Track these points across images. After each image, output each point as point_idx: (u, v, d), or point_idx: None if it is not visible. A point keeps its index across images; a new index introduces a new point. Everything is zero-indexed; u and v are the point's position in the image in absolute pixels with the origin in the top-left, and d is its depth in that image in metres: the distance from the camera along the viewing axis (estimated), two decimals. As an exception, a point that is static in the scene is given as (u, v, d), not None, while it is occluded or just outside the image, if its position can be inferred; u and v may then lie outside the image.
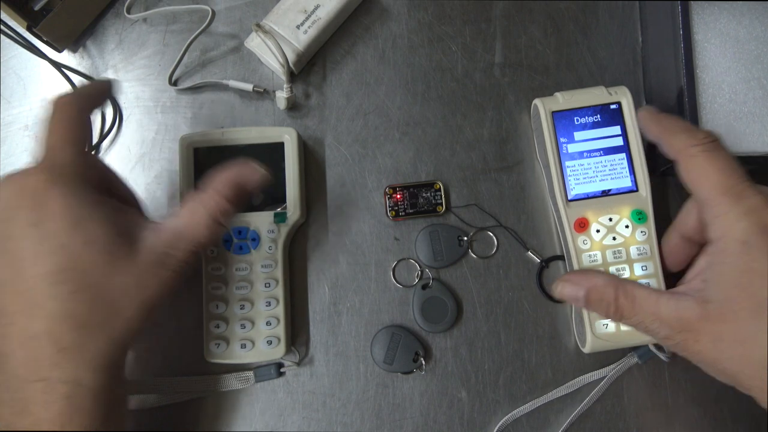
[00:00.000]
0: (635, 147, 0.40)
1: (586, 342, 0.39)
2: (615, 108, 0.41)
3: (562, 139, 0.41)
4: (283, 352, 0.40)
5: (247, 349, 0.40)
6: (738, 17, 0.41)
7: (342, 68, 0.46)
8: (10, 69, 0.46)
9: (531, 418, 0.41)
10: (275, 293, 0.40)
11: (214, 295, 0.40)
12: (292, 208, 0.41)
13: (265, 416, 0.41)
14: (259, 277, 0.40)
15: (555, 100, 0.41)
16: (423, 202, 0.43)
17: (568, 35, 0.46)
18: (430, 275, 0.43)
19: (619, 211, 0.40)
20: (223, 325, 0.40)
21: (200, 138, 0.41)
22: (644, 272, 0.39)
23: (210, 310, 0.40)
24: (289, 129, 0.41)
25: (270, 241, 0.40)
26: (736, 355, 0.30)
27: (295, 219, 0.41)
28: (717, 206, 0.31)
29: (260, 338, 0.40)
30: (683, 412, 0.41)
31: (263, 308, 0.40)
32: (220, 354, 0.40)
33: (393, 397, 0.41)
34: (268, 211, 0.40)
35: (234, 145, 0.41)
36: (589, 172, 0.40)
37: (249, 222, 0.40)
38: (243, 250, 0.40)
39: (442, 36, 0.46)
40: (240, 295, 0.40)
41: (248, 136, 0.41)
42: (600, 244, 0.40)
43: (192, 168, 0.41)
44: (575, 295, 0.34)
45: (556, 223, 0.43)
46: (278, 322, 0.40)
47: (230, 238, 0.40)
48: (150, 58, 0.46)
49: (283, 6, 0.44)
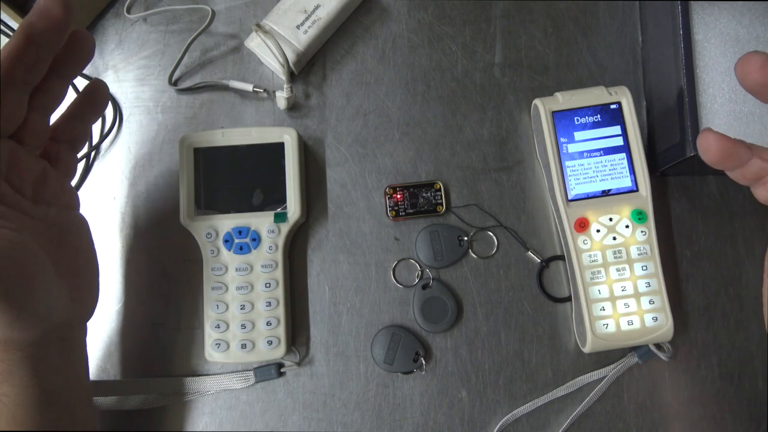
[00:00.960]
0: (635, 147, 0.40)
1: (586, 342, 0.39)
2: (615, 108, 0.41)
3: (562, 139, 0.41)
4: (284, 353, 0.40)
5: (247, 350, 0.40)
6: (738, 17, 0.41)
7: (342, 68, 0.46)
8: (10, 69, 0.46)
9: (531, 418, 0.41)
10: (275, 294, 0.40)
11: (214, 296, 0.40)
12: (293, 208, 0.41)
13: (265, 416, 0.41)
14: (260, 278, 0.40)
15: (555, 100, 0.41)
16: (423, 202, 0.43)
17: (568, 35, 0.46)
18: (430, 275, 0.43)
19: (619, 211, 0.40)
20: (224, 325, 0.40)
21: (200, 138, 0.41)
22: (644, 272, 0.39)
23: (210, 311, 0.40)
24: (289, 129, 0.41)
25: (270, 241, 0.40)
26: None
27: (295, 218, 0.41)
28: None
29: (260, 339, 0.40)
30: (683, 412, 0.41)
31: (264, 309, 0.40)
32: (221, 355, 0.40)
33: (393, 397, 0.41)
34: (268, 212, 0.41)
35: (234, 145, 0.41)
36: (589, 172, 0.40)
37: (249, 222, 0.40)
38: (243, 250, 0.40)
39: (442, 36, 0.46)
40: (240, 295, 0.40)
41: (248, 136, 0.41)
42: (600, 243, 0.40)
43: (192, 168, 0.41)
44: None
45: (557, 223, 0.43)
46: (278, 322, 0.40)
47: (230, 239, 0.40)
48: (150, 58, 0.46)
49: (283, 6, 0.44)
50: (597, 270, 0.39)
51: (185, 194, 0.41)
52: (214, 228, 0.40)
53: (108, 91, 0.37)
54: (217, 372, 0.41)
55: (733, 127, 0.40)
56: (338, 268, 0.43)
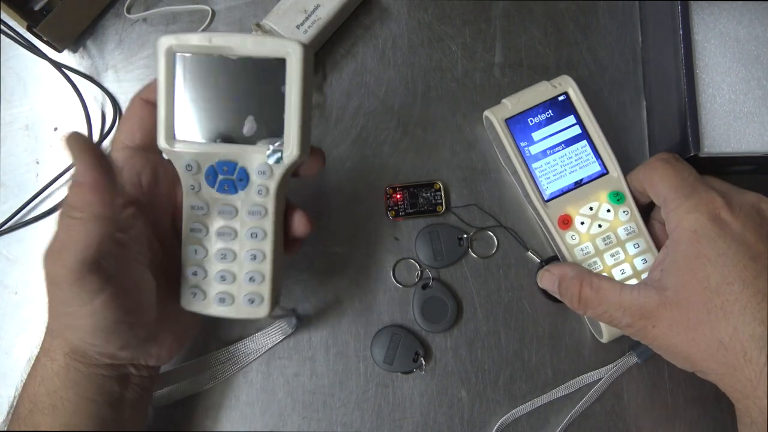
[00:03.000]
0: (594, 131, 0.40)
1: (602, 332, 0.39)
2: (563, 99, 0.41)
3: (522, 143, 0.41)
4: (267, 312, 0.35)
5: (225, 304, 0.35)
6: (738, 17, 0.41)
7: (342, 68, 0.46)
8: (10, 69, 0.46)
9: (531, 418, 0.41)
10: (262, 246, 0.34)
11: (193, 238, 0.34)
12: (290, 146, 0.32)
13: (265, 416, 0.41)
14: (246, 224, 0.34)
15: (504, 107, 0.41)
16: (423, 202, 0.43)
17: (568, 35, 0.46)
18: (430, 275, 0.43)
19: (597, 198, 0.40)
20: (202, 272, 0.35)
21: (182, 42, 0.32)
22: (637, 250, 0.39)
23: (188, 254, 0.35)
24: (293, 42, 0.31)
25: (261, 183, 0.33)
26: (689, 338, 0.32)
27: (292, 159, 0.32)
28: (672, 201, 0.34)
29: (241, 294, 0.35)
30: (683, 412, 0.41)
31: (247, 261, 0.34)
32: (197, 304, 0.35)
33: (393, 397, 0.41)
34: (259, 146, 0.32)
35: (224, 55, 0.32)
36: (557, 168, 0.40)
37: (237, 156, 0.33)
38: (228, 189, 0.33)
39: (442, 36, 0.46)
40: (222, 242, 0.34)
41: (242, 45, 0.31)
42: (588, 235, 0.40)
43: (171, 78, 0.32)
44: (552, 285, 0.39)
45: (541, 227, 0.43)
46: (263, 279, 0.35)
47: (214, 174, 0.33)
48: (150, 58, 0.46)
49: (283, 6, 0.44)
50: (592, 261, 0.39)
51: (162, 111, 0.32)
52: (195, 159, 0.33)
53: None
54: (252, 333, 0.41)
55: (733, 127, 0.40)
56: (338, 268, 0.43)
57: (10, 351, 0.43)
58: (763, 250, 0.32)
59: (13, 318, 0.43)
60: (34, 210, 0.45)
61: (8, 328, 0.43)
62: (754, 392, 0.30)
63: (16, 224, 0.44)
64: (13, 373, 0.42)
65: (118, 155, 0.33)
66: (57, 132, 0.45)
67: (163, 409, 0.41)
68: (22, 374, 0.34)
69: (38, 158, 0.45)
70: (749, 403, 0.31)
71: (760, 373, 0.30)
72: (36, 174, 0.45)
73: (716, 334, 0.31)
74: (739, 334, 0.30)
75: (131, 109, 0.34)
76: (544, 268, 0.40)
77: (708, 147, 0.39)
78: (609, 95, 0.45)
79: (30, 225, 0.44)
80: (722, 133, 0.39)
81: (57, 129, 0.45)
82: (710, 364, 0.31)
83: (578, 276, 0.37)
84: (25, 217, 0.44)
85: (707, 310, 0.31)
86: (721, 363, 0.31)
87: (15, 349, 0.43)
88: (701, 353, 0.32)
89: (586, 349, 0.42)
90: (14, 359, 0.42)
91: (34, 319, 0.43)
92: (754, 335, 0.30)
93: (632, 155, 0.45)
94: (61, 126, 0.46)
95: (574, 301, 0.37)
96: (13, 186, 0.45)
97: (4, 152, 0.45)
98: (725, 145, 0.39)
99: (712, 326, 0.31)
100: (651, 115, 0.45)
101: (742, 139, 0.39)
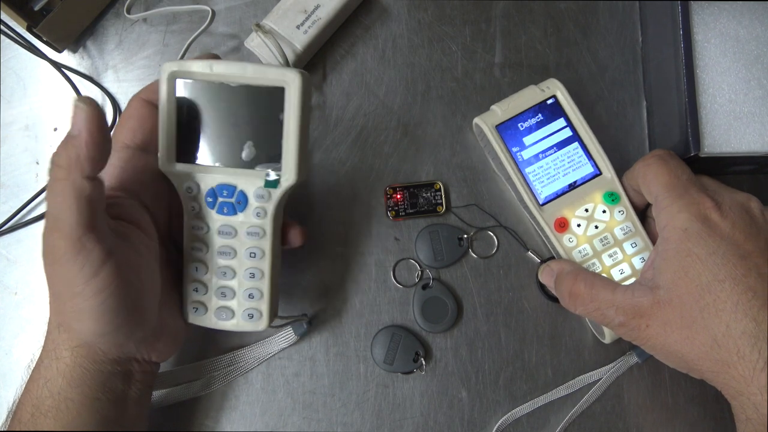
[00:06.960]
0: (584, 133, 0.40)
1: (604, 333, 0.39)
2: (552, 102, 0.41)
3: (513, 149, 0.41)
4: (266, 326, 0.37)
5: (225, 319, 0.37)
6: (738, 17, 0.41)
7: (342, 68, 0.46)
8: (10, 69, 0.46)
9: (531, 418, 0.41)
10: (261, 265, 0.36)
11: (194, 256, 0.36)
12: (288, 172, 0.34)
13: (265, 416, 0.41)
14: (245, 245, 0.35)
15: (493, 113, 0.41)
16: (423, 202, 0.43)
17: (568, 35, 0.46)
18: (430, 275, 0.43)
19: (592, 199, 0.40)
20: (203, 289, 0.36)
21: (183, 68, 0.33)
22: (635, 249, 0.39)
23: (190, 271, 0.36)
24: (293, 71, 0.32)
25: (259, 205, 0.35)
26: (683, 337, 0.32)
27: (289, 183, 0.34)
28: (663, 200, 0.35)
29: (241, 310, 0.37)
30: (683, 412, 0.41)
31: (246, 279, 0.36)
32: (199, 318, 0.37)
33: (393, 397, 0.41)
34: (258, 170, 0.34)
35: (224, 83, 0.33)
36: (550, 171, 0.40)
37: (236, 181, 0.34)
38: (228, 211, 0.35)
39: (442, 36, 0.46)
40: (222, 261, 0.36)
41: (242, 74, 0.33)
42: (585, 237, 0.40)
43: (173, 103, 0.33)
44: (549, 281, 0.40)
45: (537, 231, 0.43)
46: (261, 295, 0.36)
47: (214, 197, 0.35)
48: (150, 58, 0.46)
49: (283, 6, 0.44)
50: (591, 262, 0.39)
51: (164, 135, 0.34)
52: (196, 182, 0.34)
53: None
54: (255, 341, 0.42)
55: (733, 127, 0.40)
56: (338, 268, 0.43)
57: (10, 351, 0.43)
58: (752, 249, 0.32)
59: (13, 318, 0.43)
60: (34, 210, 0.44)
61: (8, 328, 0.43)
62: (748, 389, 0.30)
63: (16, 224, 0.44)
64: (13, 373, 0.42)
65: (118, 155, 0.33)
66: (57, 132, 0.45)
67: (163, 409, 0.41)
68: (21, 379, 0.33)
69: (38, 158, 0.45)
70: (744, 399, 0.31)
71: (753, 369, 0.30)
72: (36, 174, 0.45)
73: (710, 331, 0.31)
74: (731, 331, 0.30)
75: (131, 109, 0.34)
76: (546, 263, 0.41)
77: (708, 147, 0.39)
78: (609, 95, 0.45)
79: (30, 225, 0.44)
80: (722, 133, 0.39)
81: (57, 129, 0.45)
82: (704, 362, 0.32)
83: (574, 272, 0.37)
84: (25, 218, 0.44)
85: (700, 308, 0.31)
86: (715, 361, 0.31)
87: (15, 350, 0.43)
88: (695, 351, 0.32)
89: (586, 349, 0.42)
90: (14, 360, 0.43)
91: (34, 320, 0.43)
92: (746, 332, 0.30)
93: (632, 155, 0.45)
94: (61, 126, 0.46)
95: (565, 296, 0.37)
96: (12, 186, 0.45)
97: (3, 152, 0.45)
98: (725, 145, 0.39)
99: (705, 324, 0.31)
100: (651, 115, 0.45)
101: (742, 139, 0.40)
